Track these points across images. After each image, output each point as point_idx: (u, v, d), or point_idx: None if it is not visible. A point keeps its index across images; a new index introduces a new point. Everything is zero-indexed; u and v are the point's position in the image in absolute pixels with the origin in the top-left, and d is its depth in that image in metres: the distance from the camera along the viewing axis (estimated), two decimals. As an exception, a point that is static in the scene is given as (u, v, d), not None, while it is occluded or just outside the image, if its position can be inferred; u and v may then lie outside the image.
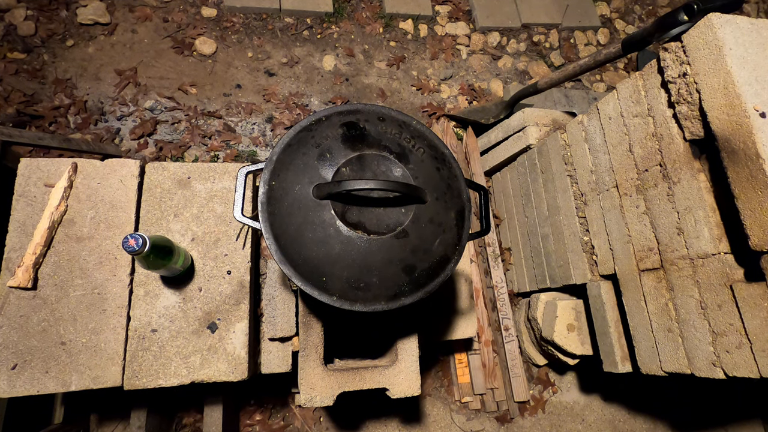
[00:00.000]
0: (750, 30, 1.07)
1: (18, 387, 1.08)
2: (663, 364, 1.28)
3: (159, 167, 1.32)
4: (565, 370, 2.08)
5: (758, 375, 1.01)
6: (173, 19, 2.29)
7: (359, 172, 0.91)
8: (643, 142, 1.31)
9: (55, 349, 1.12)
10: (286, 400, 1.78)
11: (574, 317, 1.68)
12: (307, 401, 1.18)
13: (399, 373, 1.25)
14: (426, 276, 0.90)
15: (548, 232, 1.81)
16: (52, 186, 1.21)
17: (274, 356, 1.39)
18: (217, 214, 1.32)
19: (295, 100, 2.28)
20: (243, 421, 1.71)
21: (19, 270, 1.12)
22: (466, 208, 0.98)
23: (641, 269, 1.35)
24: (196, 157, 2.06)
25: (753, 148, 0.96)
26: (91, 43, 2.14)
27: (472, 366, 1.91)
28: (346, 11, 2.57)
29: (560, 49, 2.85)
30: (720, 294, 1.10)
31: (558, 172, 1.72)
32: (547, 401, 2.01)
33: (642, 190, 1.33)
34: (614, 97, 1.41)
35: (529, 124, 1.90)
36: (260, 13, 2.43)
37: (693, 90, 1.12)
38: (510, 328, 1.99)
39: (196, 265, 1.26)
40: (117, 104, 2.07)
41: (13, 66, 1.99)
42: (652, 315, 1.30)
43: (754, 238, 0.99)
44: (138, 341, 1.17)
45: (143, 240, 0.93)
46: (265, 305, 1.40)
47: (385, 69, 2.51)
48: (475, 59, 2.67)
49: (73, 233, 1.20)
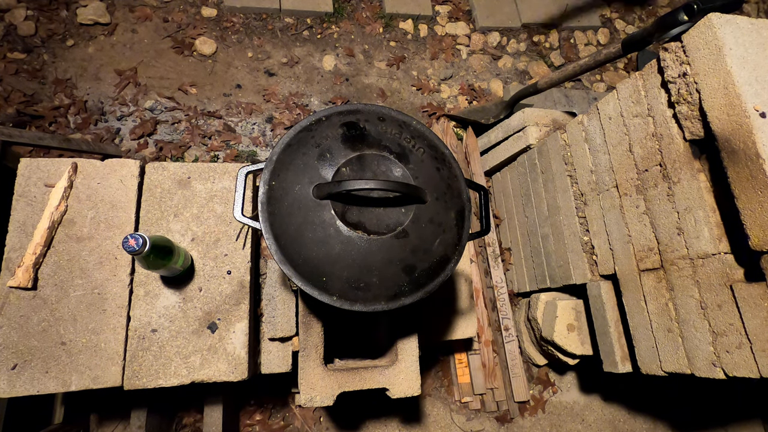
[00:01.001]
0: (750, 30, 1.07)
1: (18, 387, 1.08)
2: (663, 364, 1.28)
3: (159, 167, 1.32)
4: (565, 370, 2.08)
5: (758, 375, 1.01)
6: (173, 19, 2.29)
7: (359, 172, 0.91)
8: (643, 142, 1.31)
9: (55, 349, 1.12)
10: (286, 400, 1.78)
11: (574, 317, 1.68)
12: (307, 401, 1.18)
13: (399, 373, 1.25)
14: (426, 276, 0.90)
15: (548, 232, 1.81)
16: (52, 186, 1.21)
17: (274, 356, 1.39)
18: (217, 214, 1.32)
19: (295, 100, 2.28)
20: (243, 421, 1.71)
21: (19, 270, 1.12)
22: (466, 208, 0.98)
23: (641, 269, 1.35)
24: (196, 157, 2.06)
25: (753, 148, 0.96)
26: (91, 43, 2.14)
27: (472, 366, 1.91)
28: (346, 11, 2.57)
29: (560, 49, 2.85)
30: (720, 294, 1.10)
31: (558, 172, 1.72)
32: (547, 401, 2.01)
33: (642, 190, 1.33)
34: (614, 97, 1.41)
35: (529, 124, 1.90)
36: (260, 13, 2.43)
37: (693, 90, 1.12)
38: (510, 328, 1.99)
39: (196, 265, 1.26)
40: (117, 104, 2.07)
41: (13, 66, 1.99)
42: (652, 315, 1.30)
43: (754, 238, 0.99)
44: (138, 341, 1.17)
45: (143, 240, 0.93)
46: (265, 305, 1.40)
47: (385, 69, 2.51)
48: (475, 59, 2.67)
49: (73, 233, 1.20)
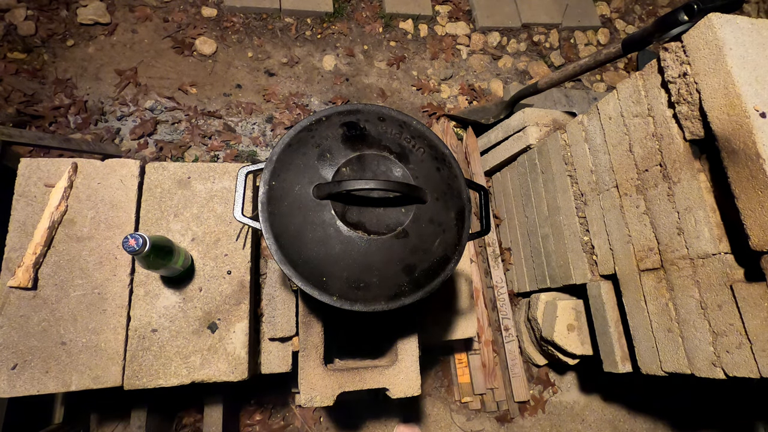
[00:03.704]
0: (750, 30, 1.07)
1: (18, 387, 1.08)
2: (663, 364, 1.28)
3: (159, 167, 1.32)
4: (565, 370, 2.08)
5: (758, 375, 1.01)
6: (173, 19, 2.28)
7: (359, 172, 0.91)
8: (643, 142, 1.31)
9: (55, 349, 1.12)
10: (286, 400, 1.78)
11: (574, 317, 1.68)
12: (307, 401, 1.18)
13: (399, 373, 1.25)
14: (426, 276, 0.90)
15: (548, 232, 1.81)
16: (52, 186, 1.21)
17: (274, 356, 1.39)
18: (217, 214, 1.32)
19: (295, 100, 2.28)
20: (243, 421, 1.71)
21: (19, 270, 1.12)
22: (466, 208, 0.98)
23: (641, 269, 1.35)
24: (196, 157, 2.06)
25: (753, 148, 0.96)
26: (91, 43, 2.14)
27: (472, 366, 1.91)
28: (346, 11, 2.57)
29: (560, 49, 2.85)
30: (720, 294, 1.10)
31: (558, 172, 1.72)
32: (547, 401, 2.01)
33: (642, 190, 1.33)
34: (614, 97, 1.41)
35: (529, 124, 1.90)
36: (260, 13, 2.43)
37: (693, 90, 1.12)
38: (510, 328, 1.99)
39: (196, 265, 1.26)
40: (117, 104, 2.07)
41: (13, 66, 1.99)
42: (652, 315, 1.30)
43: (754, 238, 0.99)
44: (138, 341, 1.17)
45: (143, 240, 0.93)
46: (265, 305, 1.40)
47: (385, 69, 2.51)
48: (475, 59, 2.67)
49: (73, 233, 1.20)
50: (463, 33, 2.71)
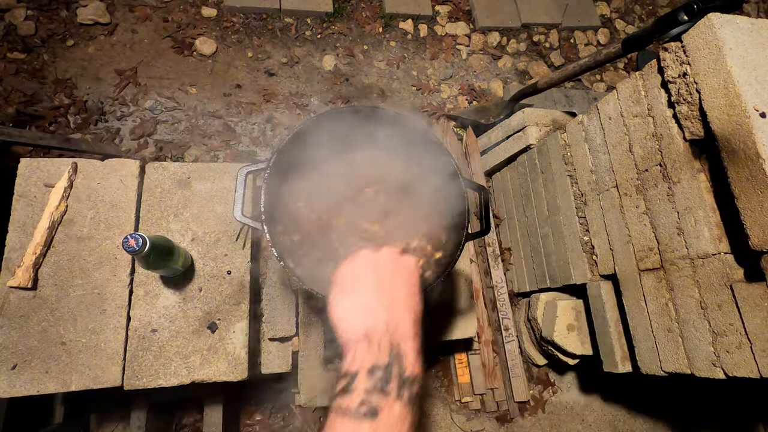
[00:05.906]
0: (750, 30, 1.07)
1: (18, 387, 1.08)
2: (663, 364, 1.28)
3: (159, 167, 1.32)
4: (565, 370, 2.08)
5: (758, 375, 1.01)
6: (173, 19, 2.28)
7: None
8: (643, 142, 1.31)
9: (55, 349, 1.12)
10: (286, 400, 1.78)
11: (574, 317, 1.68)
12: (307, 401, 1.18)
13: (399, 373, 1.25)
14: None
15: (548, 232, 1.81)
16: (52, 186, 1.21)
17: (274, 356, 1.39)
18: (217, 214, 1.31)
19: (295, 100, 2.28)
20: (243, 421, 1.71)
21: (19, 270, 1.12)
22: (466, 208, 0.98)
23: (641, 269, 1.35)
24: (196, 157, 2.06)
25: (753, 148, 0.96)
26: (91, 43, 2.14)
27: (472, 366, 1.91)
28: (346, 11, 2.57)
29: (560, 49, 2.85)
30: (720, 294, 1.10)
31: (558, 172, 1.72)
32: (547, 401, 2.01)
33: (642, 190, 1.33)
34: (614, 97, 1.41)
35: (529, 124, 1.90)
36: (260, 13, 2.43)
37: (693, 90, 1.12)
38: (510, 328, 1.99)
39: (196, 265, 1.26)
40: (117, 104, 2.07)
41: (13, 66, 1.99)
42: (652, 315, 1.30)
43: (754, 238, 0.99)
44: (138, 341, 1.17)
45: (143, 240, 0.93)
46: (265, 305, 1.40)
47: (385, 69, 2.51)
48: (475, 59, 2.67)
49: (73, 233, 1.20)
50: (463, 33, 2.71)
